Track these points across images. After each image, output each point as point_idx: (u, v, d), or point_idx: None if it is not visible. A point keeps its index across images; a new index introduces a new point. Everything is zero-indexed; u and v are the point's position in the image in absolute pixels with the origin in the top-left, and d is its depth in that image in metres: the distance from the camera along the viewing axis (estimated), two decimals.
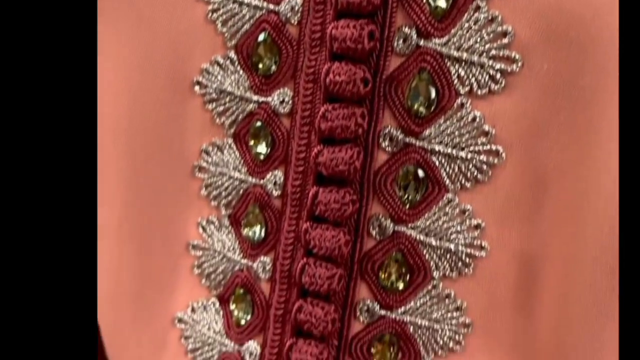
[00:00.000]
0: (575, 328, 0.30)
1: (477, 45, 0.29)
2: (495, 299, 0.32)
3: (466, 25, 0.29)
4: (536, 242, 0.31)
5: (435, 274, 0.32)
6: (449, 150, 0.30)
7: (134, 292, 0.38)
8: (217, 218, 0.36)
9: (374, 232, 0.32)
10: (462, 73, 0.30)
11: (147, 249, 0.38)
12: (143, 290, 0.38)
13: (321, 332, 0.33)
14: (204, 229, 0.37)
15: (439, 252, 0.32)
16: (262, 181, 0.34)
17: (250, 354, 0.36)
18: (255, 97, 0.33)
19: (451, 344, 0.33)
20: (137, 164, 0.36)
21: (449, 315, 0.32)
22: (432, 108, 0.30)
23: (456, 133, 0.30)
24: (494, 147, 0.30)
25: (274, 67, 0.33)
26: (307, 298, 0.33)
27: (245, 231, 0.35)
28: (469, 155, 0.30)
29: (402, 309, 0.33)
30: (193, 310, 0.37)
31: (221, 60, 0.34)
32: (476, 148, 0.30)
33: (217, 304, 0.37)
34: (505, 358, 0.32)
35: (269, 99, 0.33)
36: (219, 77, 0.34)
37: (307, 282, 0.33)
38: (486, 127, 0.30)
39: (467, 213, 0.31)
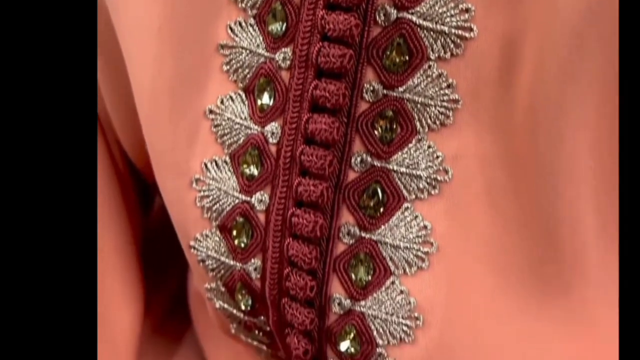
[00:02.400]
0: (544, 91, 0.36)
1: None
2: (481, 77, 0.38)
3: None
4: (518, 24, 0.36)
5: (432, 55, 0.38)
6: None
7: (171, 88, 0.44)
8: (244, 19, 0.42)
9: (379, 20, 0.38)
10: None
11: (182, 50, 0.43)
12: (178, 87, 0.44)
13: (333, 104, 0.39)
14: (232, 30, 0.42)
15: (434, 34, 0.37)
16: None
17: (272, 133, 0.42)
18: None
19: (442, 118, 0.39)
20: None
21: (441, 92, 0.38)
22: None
23: None
24: None
25: None
26: (322, 78, 0.39)
27: (269, 27, 0.41)
28: None
29: (402, 88, 0.39)
30: (222, 102, 0.43)
31: None
32: None
33: (243, 96, 0.43)
34: (488, 131, 0.38)
35: None
36: None
37: (323, 61, 0.39)
38: None
39: None
